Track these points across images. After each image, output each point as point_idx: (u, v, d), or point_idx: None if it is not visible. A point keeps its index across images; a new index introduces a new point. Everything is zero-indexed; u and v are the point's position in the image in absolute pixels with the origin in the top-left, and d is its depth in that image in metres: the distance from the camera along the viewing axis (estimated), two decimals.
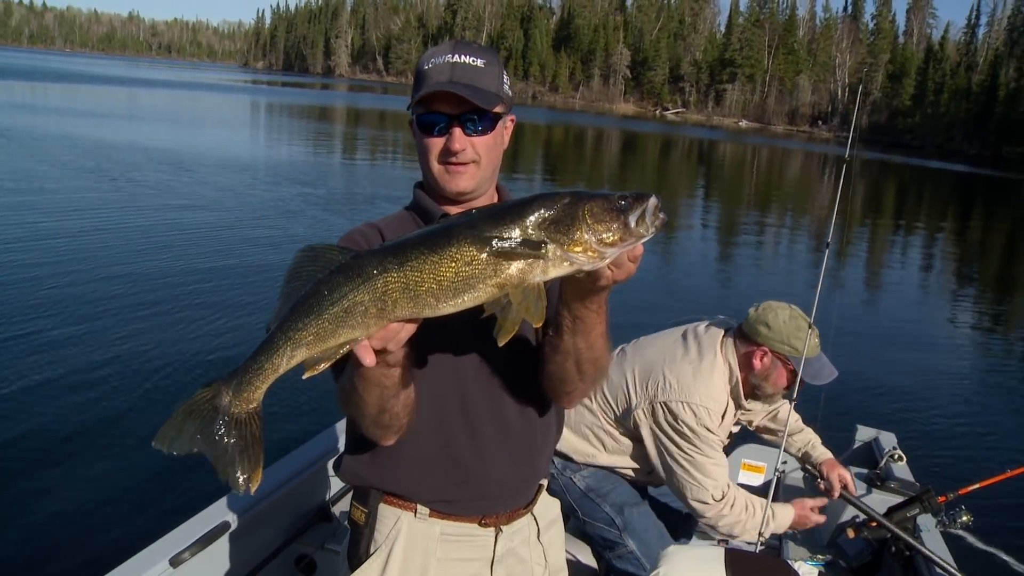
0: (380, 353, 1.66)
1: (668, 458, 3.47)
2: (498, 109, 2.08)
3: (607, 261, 1.58)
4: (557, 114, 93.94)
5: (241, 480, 1.65)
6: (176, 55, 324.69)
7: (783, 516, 3.62)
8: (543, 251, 1.52)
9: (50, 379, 7.66)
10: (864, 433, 5.18)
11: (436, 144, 2.08)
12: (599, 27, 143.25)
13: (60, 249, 12.55)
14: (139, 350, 8.57)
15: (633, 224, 1.53)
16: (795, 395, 3.63)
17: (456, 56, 2.06)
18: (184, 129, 37.94)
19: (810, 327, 3.51)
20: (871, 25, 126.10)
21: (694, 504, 3.50)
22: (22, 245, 12.53)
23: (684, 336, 3.66)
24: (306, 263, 1.62)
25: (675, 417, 3.40)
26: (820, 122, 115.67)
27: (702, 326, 3.70)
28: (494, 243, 1.52)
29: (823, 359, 3.59)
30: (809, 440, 4.09)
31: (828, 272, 4.00)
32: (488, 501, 2.21)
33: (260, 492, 3.50)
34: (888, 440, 4.98)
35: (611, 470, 3.66)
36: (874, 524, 3.86)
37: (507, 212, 1.56)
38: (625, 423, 3.56)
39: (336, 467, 2.31)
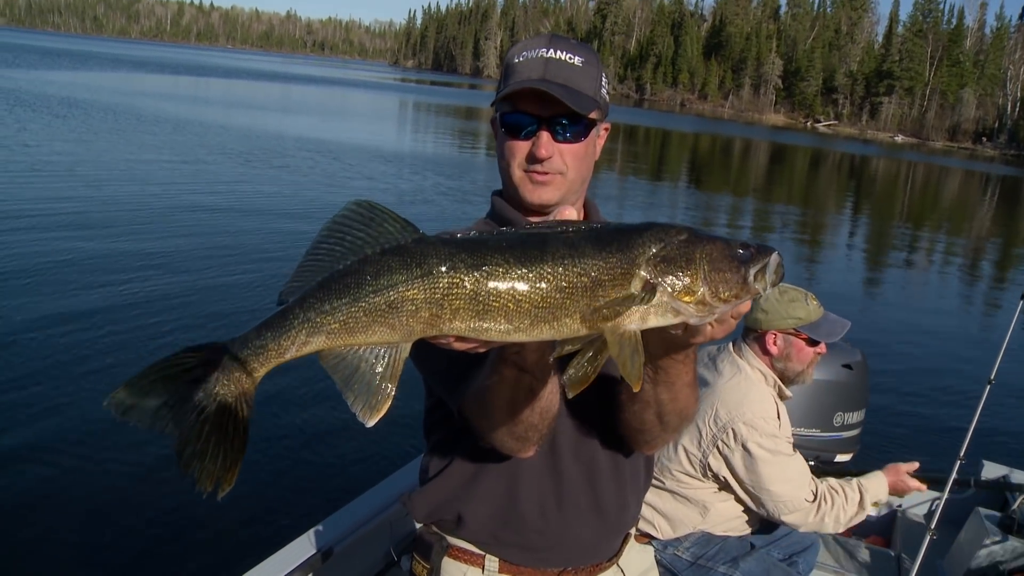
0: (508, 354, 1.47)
1: (754, 483, 3.39)
2: (593, 115, 1.84)
3: (715, 317, 1.32)
4: (705, 122, 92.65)
5: (208, 479, 1.26)
6: (329, 52, 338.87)
7: (877, 487, 3.57)
8: (649, 294, 1.26)
9: None
10: (991, 470, 4.69)
11: (520, 148, 1.86)
12: (751, 35, 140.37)
13: (220, 222, 14.08)
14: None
15: (751, 279, 1.31)
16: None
17: (551, 51, 1.83)
18: (334, 122, 39.70)
19: (805, 294, 3.58)
20: None
21: (794, 517, 3.42)
22: (192, 217, 14.09)
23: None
24: (355, 224, 1.27)
25: (743, 442, 3.34)
26: (984, 139, 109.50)
27: (704, 357, 3.71)
28: (595, 271, 1.25)
29: (830, 316, 3.61)
30: None
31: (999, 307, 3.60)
32: (566, 553, 1.99)
33: (364, 514, 3.43)
34: (1021, 478, 4.54)
35: (711, 535, 3.57)
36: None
37: (613, 237, 1.28)
38: (708, 475, 3.50)
39: (407, 503, 2.08)
